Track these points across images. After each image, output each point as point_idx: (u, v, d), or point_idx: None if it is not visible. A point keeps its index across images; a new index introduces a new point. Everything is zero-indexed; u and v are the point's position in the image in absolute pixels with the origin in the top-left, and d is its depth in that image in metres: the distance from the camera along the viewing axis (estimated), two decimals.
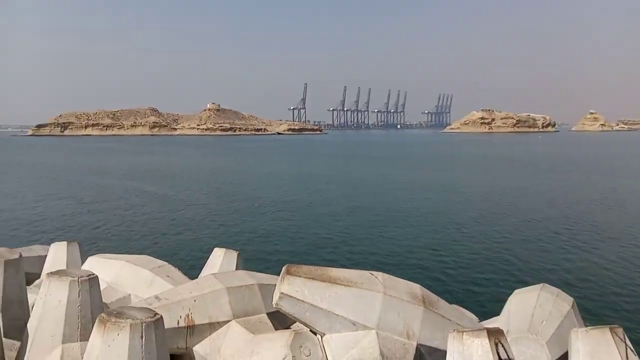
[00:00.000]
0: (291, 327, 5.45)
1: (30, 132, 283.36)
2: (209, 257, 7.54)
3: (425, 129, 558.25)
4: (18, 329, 5.30)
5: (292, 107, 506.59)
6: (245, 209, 28.43)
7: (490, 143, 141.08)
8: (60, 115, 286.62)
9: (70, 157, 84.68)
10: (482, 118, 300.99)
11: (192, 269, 9.40)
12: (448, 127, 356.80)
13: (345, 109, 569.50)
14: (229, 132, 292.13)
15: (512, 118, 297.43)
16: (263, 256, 17.56)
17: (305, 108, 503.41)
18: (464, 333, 3.44)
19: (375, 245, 19.24)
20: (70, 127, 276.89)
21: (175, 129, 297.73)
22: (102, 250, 10.57)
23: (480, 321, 5.72)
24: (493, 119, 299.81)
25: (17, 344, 4.91)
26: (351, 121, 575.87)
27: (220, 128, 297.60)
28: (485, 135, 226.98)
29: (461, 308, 5.88)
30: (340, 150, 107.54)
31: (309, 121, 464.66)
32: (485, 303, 12.93)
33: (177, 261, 8.07)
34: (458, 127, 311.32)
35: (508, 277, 15.23)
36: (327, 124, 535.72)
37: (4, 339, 4.70)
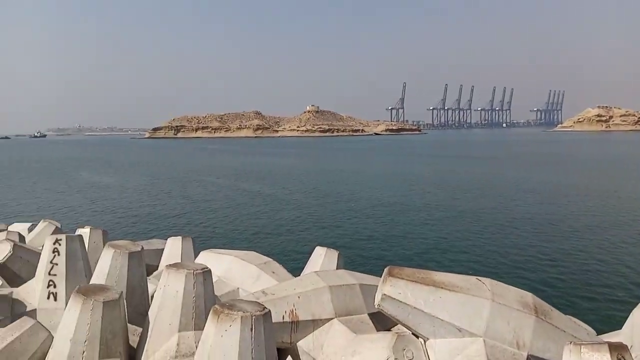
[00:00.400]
0: (392, 329, 5.40)
1: (147, 134, 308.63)
2: (310, 255, 7.71)
3: (534, 127, 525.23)
4: (140, 316, 5.78)
5: (390, 107, 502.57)
6: (343, 208, 28.69)
7: (613, 142, 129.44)
8: (173, 119, 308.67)
9: (182, 157, 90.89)
10: (598, 115, 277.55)
11: (294, 265, 9.67)
12: (559, 125, 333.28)
13: (445, 108, 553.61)
14: (327, 133, 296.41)
15: (634, 115, 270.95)
16: (362, 256, 17.59)
17: (403, 108, 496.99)
18: (582, 346, 3.20)
19: (482, 251, 18.47)
20: (182, 130, 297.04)
21: (277, 131, 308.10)
22: (212, 245, 11.21)
23: (599, 335, 5.28)
24: (611, 117, 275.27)
25: (139, 329, 5.34)
26: (452, 120, 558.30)
27: (319, 129, 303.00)
28: (604, 134, 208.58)
29: (577, 320, 5.47)
30: (441, 150, 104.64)
31: (407, 121, 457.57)
32: (605, 316, 11.91)
33: (280, 258, 8.31)
34: (571, 125, 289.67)
35: (632, 289, 13.90)
36: (427, 124, 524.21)
37: (128, 324, 5.12)
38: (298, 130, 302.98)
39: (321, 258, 7.26)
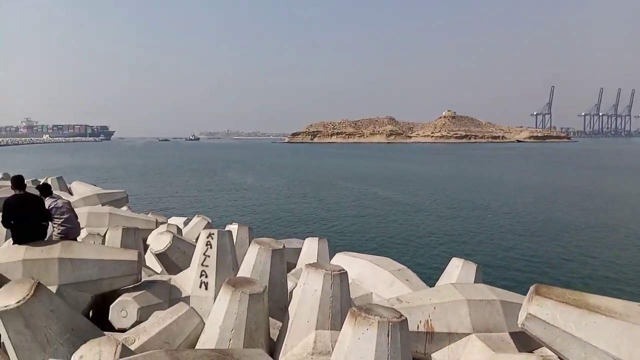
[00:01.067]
0: (535, 351, 5.04)
1: (286, 139, 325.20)
2: (444, 265, 7.50)
3: None
4: (279, 310, 6.09)
5: (535, 113, 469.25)
6: (479, 219, 27.41)
7: None
8: (310, 125, 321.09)
9: (317, 161, 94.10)
10: None
11: (427, 275, 9.46)
12: None
13: (600, 114, 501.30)
14: (464, 140, 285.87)
15: None
16: (501, 272, 16.63)
17: (550, 113, 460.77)
18: None
19: None
20: (318, 135, 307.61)
21: (410, 137, 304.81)
22: (344, 248, 11.43)
23: None
24: None
25: (279, 323, 5.62)
26: (607, 127, 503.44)
27: (454, 135, 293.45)
28: None
29: None
30: (595, 160, 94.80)
31: (554, 127, 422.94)
32: None
33: (413, 266, 8.19)
34: None
35: None
36: (577, 131, 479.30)
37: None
38: (432, 136, 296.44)
39: (458, 270, 7.02)
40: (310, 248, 8.51)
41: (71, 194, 15.50)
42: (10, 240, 7.24)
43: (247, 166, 77.45)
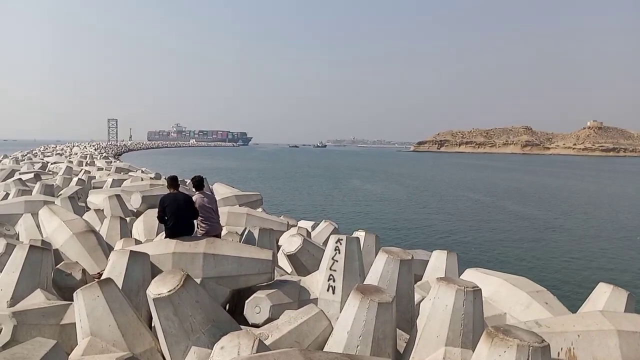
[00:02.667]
0: None
1: (412, 148, 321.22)
2: (589, 291, 6.83)
3: None
4: (405, 322, 6.00)
5: None
6: (629, 241, 24.55)
7: None
8: (438, 134, 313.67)
9: (444, 171, 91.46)
10: None
11: (569, 300, 8.69)
12: None
13: None
14: (611, 153, 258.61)
15: None
16: None
17: None
18: None
19: None
20: (445, 145, 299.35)
21: (548, 148, 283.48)
22: (472, 263, 10.92)
23: None
24: None
25: (405, 335, 5.54)
26: None
27: (600, 148, 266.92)
28: None
29: None
30: None
31: None
32: None
33: (553, 289, 7.57)
34: None
35: None
36: None
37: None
38: (574, 149, 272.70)
39: (605, 296, 6.35)
40: (437, 261, 8.28)
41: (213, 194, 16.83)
42: (163, 234, 8.06)
43: (371, 173, 77.84)
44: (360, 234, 8.96)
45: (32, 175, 22.06)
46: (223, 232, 9.68)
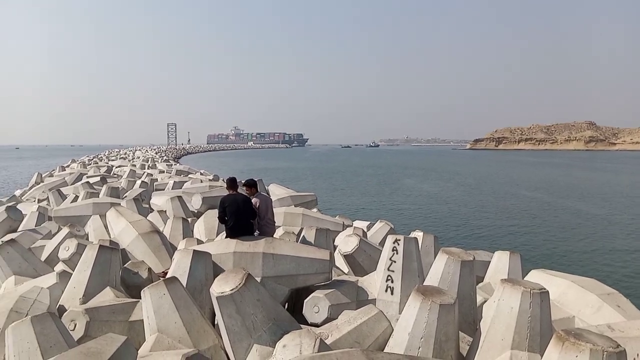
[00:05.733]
0: None
1: (468, 146, 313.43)
2: None
3: None
4: (467, 325, 5.86)
5: None
6: None
7: None
8: (495, 131, 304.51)
9: (502, 169, 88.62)
10: None
11: None
12: None
13: None
14: None
15: None
16: None
17: None
18: None
19: None
20: (503, 142, 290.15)
21: (614, 144, 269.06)
22: (538, 265, 10.51)
23: None
24: None
25: (468, 338, 5.41)
26: None
27: None
28: None
29: None
30: None
31: None
32: None
33: (624, 290, 7.17)
34: None
35: None
36: None
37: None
38: None
39: None
40: (500, 262, 8.02)
41: (269, 195, 17.11)
42: (224, 234, 8.25)
43: (425, 173, 76.61)
44: (418, 235, 8.83)
45: (98, 178, 23.24)
46: (280, 232, 9.81)
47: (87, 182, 20.58)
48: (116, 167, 37.26)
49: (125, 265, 7.43)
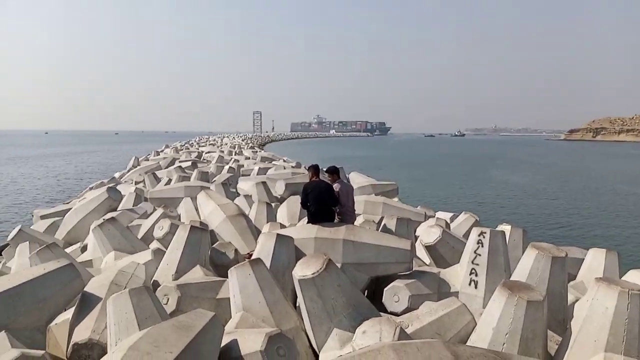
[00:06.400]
0: None
1: (562, 136, 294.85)
2: None
3: None
4: (557, 323, 5.57)
5: None
6: None
7: None
8: (593, 121, 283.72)
9: (600, 162, 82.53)
10: None
11: None
12: None
13: None
14: None
15: None
16: None
17: None
18: None
19: None
20: (602, 133, 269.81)
21: None
22: (638, 265, 9.74)
23: None
24: None
25: (557, 337, 5.15)
26: None
27: None
28: None
29: None
30: None
31: None
32: None
33: None
34: None
35: None
36: None
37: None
38: None
39: None
40: (595, 260, 7.53)
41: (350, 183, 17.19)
42: (305, 220, 8.42)
43: (515, 164, 73.11)
44: (506, 228, 8.48)
45: (189, 163, 24.54)
46: (360, 220, 9.84)
47: (180, 167, 21.83)
48: (206, 153, 39.10)
49: (213, 246, 7.81)
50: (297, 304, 5.85)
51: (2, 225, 22.05)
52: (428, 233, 8.11)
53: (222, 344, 4.46)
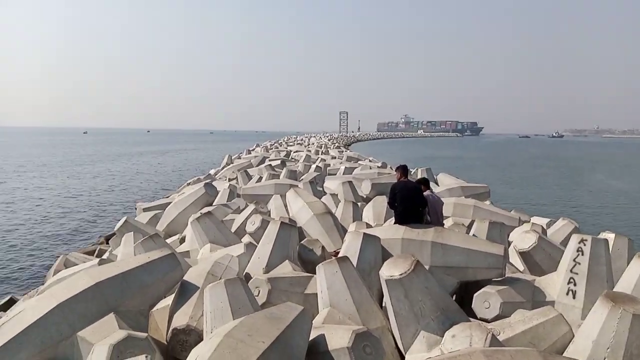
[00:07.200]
0: None
1: None
2: None
3: None
4: None
5: None
6: None
7: None
8: None
9: None
10: None
11: None
12: None
13: None
14: None
15: None
16: None
17: None
18: None
19: None
20: None
21: None
22: None
23: None
24: None
25: None
26: None
27: None
28: None
29: None
30: None
31: None
32: None
33: None
34: None
35: None
36: None
37: None
38: None
39: None
40: None
41: (437, 184, 16.81)
42: (392, 220, 8.39)
43: (620, 168, 67.50)
44: (609, 236, 7.89)
45: (279, 162, 25.30)
46: (449, 223, 9.62)
47: (270, 165, 22.56)
48: (294, 152, 40.07)
49: (302, 242, 8.02)
50: (384, 304, 5.86)
51: (109, 216, 24.03)
52: (523, 239, 7.75)
53: (310, 338, 4.58)
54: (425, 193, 7.73)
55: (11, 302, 10.13)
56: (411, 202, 7.20)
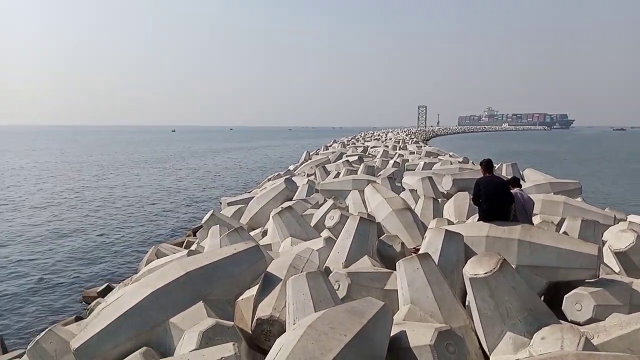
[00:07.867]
0: None
1: None
2: None
3: None
4: None
5: None
6: None
7: None
8: None
9: None
10: None
11: None
12: None
13: None
14: None
15: None
16: None
17: None
18: None
19: None
20: None
21: None
22: None
23: None
24: None
25: None
26: None
27: None
28: None
29: None
30: None
31: None
32: None
33: None
34: None
35: None
36: None
37: None
38: None
39: None
40: None
41: (523, 180, 16.07)
42: (476, 217, 8.15)
43: None
44: None
45: (356, 157, 25.30)
46: (537, 221, 9.17)
47: (347, 161, 22.66)
48: (371, 148, 39.89)
49: (381, 238, 7.99)
50: (467, 303, 5.72)
51: (195, 210, 25.24)
52: (619, 238, 7.23)
53: (391, 334, 4.57)
54: (513, 191, 7.42)
55: (108, 289, 10.99)
56: (497, 198, 6.94)
